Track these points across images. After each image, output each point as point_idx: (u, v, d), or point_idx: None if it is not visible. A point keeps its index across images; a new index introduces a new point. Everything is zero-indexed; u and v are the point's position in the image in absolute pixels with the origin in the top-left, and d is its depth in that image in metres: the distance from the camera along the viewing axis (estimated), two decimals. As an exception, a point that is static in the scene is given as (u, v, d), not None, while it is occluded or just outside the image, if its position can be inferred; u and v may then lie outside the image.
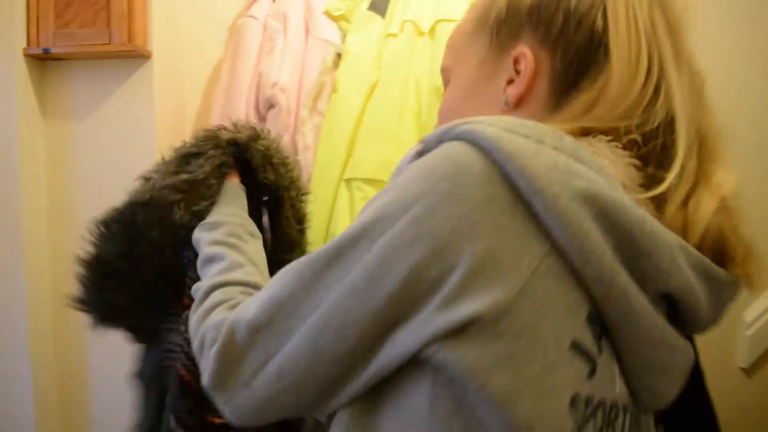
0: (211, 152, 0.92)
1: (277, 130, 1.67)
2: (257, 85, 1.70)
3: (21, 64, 1.63)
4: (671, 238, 0.56)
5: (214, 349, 0.63)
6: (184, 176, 0.89)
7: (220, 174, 0.93)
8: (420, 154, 0.58)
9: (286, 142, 1.67)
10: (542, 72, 0.66)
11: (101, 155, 1.71)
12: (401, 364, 0.53)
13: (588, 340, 0.54)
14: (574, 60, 0.64)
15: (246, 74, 1.72)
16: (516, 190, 0.52)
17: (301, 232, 1.12)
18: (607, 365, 0.56)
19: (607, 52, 0.62)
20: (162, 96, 1.72)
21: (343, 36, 1.73)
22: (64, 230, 1.72)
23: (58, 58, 1.66)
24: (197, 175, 0.90)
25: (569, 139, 0.56)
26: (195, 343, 0.70)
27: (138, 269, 0.89)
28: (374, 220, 0.55)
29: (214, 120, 1.77)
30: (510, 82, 0.67)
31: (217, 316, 0.68)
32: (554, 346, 0.51)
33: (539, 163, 0.51)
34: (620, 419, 0.57)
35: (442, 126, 0.58)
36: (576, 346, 0.53)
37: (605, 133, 0.61)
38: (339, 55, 1.71)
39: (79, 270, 0.93)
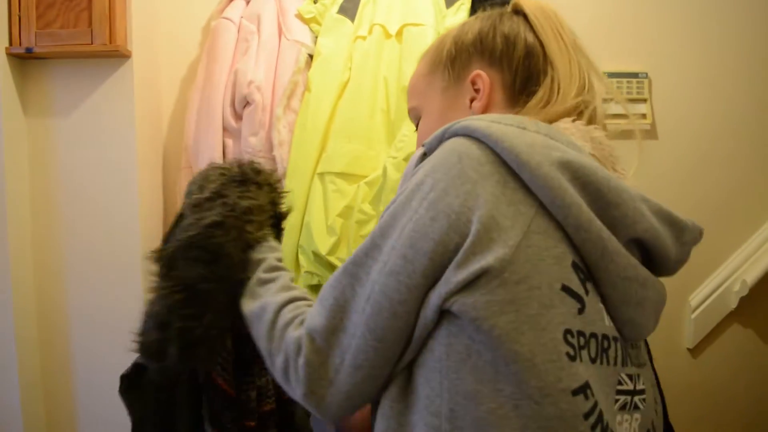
0: (260, 181, 0.94)
1: (253, 126, 1.75)
2: (233, 83, 1.77)
3: (3, 63, 1.66)
4: (633, 191, 0.69)
5: (301, 360, 0.69)
6: (253, 202, 0.90)
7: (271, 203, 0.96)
8: (424, 155, 0.72)
9: (261, 138, 1.75)
10: (496, 85, 0.82)
11: (82, 152, 1.75)
12: (432, 322, 0.65)
13: (575, 283, 0.65)
14: (518, 70, 0.82)
15: (222, 73, 1.79)
16: (506, 166, 0.65)
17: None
18: (594, 304, 0.67)
19: (546, 58, 0.81)
20: (141, 94, 1.77)
21: (315, 38, 1.81)
22: (47, 225, 1.76)
23: (41, 57, 1.70)
24: (260, 202, 0.91)
25: (543, 124, 0.71)
26: (277, 360, 0.73)
27: (219, 291, 0.84)
28: (400, 211, 0.67)
29: (191, 117, 1.84)
30: (472, 100, 0.83)
31: (293, 331, 0.73)
32: (547, 289, 0.63)
33: (522, 142, 0.65)
34: (612, 348, 0.69)
35: (437, 130, 0.72)
36: (566, 288, 0.64)
37: (568, 115, 0.78)
38: (311, 56, 1.79)
39: (160, 302, 0.84)
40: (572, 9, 2.03)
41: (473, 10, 1.71)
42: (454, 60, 0.86)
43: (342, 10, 1.79)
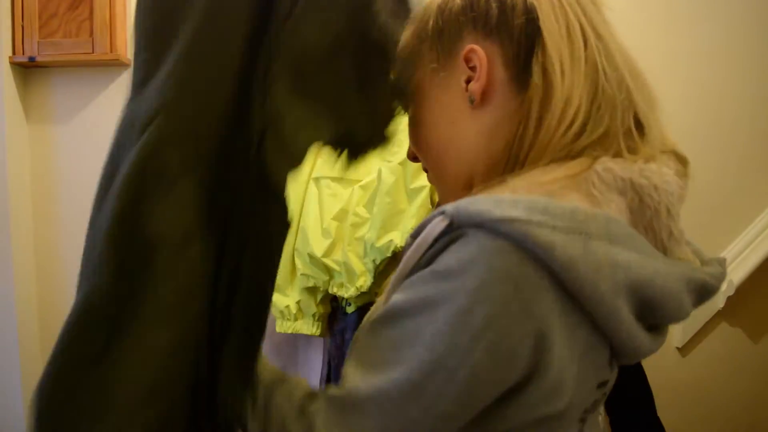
0: None
1: (250, 132, 1.79)
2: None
3: (7, 72, 1.71)
4: (679, 282, 0.61)
5: None
6: None
7: None
8: (447, 232, 0.56)
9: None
10: (495, 60, 0.66)
11: (83, 158, 1.79)
12: None
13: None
14: (521, 39, 0.65)
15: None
16: (566, 291, 0.54)
17: None
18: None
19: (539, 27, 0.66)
20: (141, 102, 1.81)
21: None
22: (48, 228, 1.81)
23: (43, 66, 1.75)
24: None
25: (601, 217, 0.56)
26: None
27: None
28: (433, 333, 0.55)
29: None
30: (468, 80, 0.68)
31: None
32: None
33: (588, 267, 0.54)
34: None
35: (476, 201, 0.56)
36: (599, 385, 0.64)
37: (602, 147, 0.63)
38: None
39: None
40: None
41: None
42: (441, 33, 0.70)
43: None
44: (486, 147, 0.68)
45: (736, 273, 2.16)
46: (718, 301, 2.18)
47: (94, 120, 1.78)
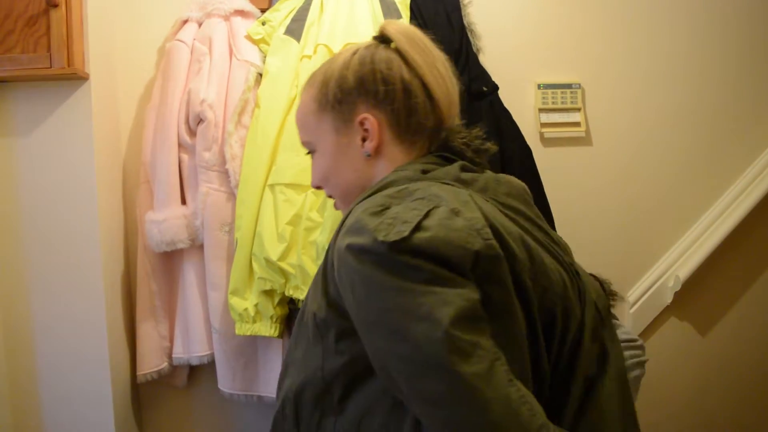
0: None
1: (207, 142, 1.85)
2: (187, 102, 1.87)
3: (-34, 87, 1.73)
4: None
5: None
6: None
7: None
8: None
9: (215, 152, 1.85)
10: (384, 125, 0.92)
11: (43, 171, 1.81)
12: None
13: None
14: (400, 109, 0.91)
15: (176, 93, 1.89)
16: None
17: None
18: None
19: (425, 90, 0.92)
20: (99, 114, 1.85)
21: (264, 57, 1.92)
22: (9, 243, 1.82)
23: (1, 81, 1.78)
24: None
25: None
26: None
27: None
28: None
29: (148, 134, 1.93)
30: (364, 139, 0.92)
31: None
32: None
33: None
34: None
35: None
36: None
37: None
38: (260, 75, 1.90)
39: None
40: (511, 25, 2.18)
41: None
42: (340, 103, 0.93)
43: (288, 32, 1.90)
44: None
45: (682, 269, 2.25)
46: (666, 297, 2.27)
47: (53, 133, 1.80)
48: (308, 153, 1.00)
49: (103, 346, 1.83)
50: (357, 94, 0.92)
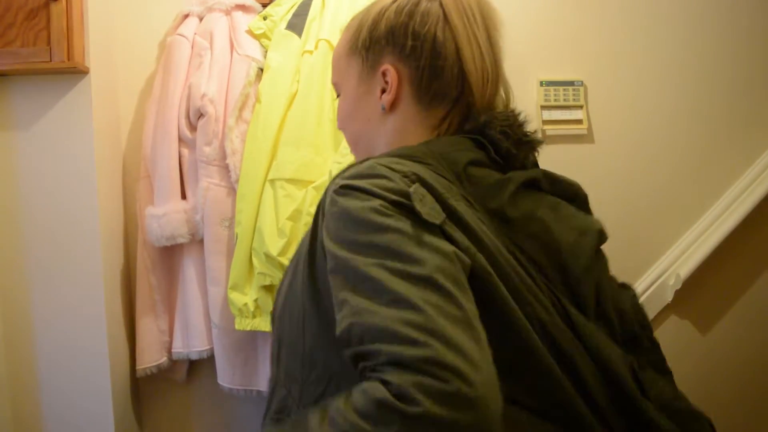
0: None
1: (207, 137, 1.84)
2: (188, 97, 1.87)
3: (-35, 81, 1.73)
4: None
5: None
6: None
7: None
8: None
9: (215, 147, 1.85)
10: (404, 80, 0.87)
11: (43, 165, 1.81)
12: None
13: None
14: (425, 68, 0.86)
15: (177, 87, 1.88)
16: None
17: None
18: None
19: (458, 56, 0.85)
20: (99, 108, 1.85)
21: (265, 52, 1.91)
22: (9, 236, 1.82)
23: (1, 75, 1.77)
24: None
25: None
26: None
27: None
28: None
29: (148, 129, 1.93)
30: (383, 91, 0.89)
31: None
32: None
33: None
34: None
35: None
36: None
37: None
38: (261, 70, 1.89)
39: None
40: (513, 22, 2.18)
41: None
42: (368, 49, 0.89)
43: (290, 26, 1.90)
44: (399, 143, 0.88)
45: (683, 267, 2.24)
46: (667, 295, 2.26)
47: (53, 127, 1.80)
48: (337, 96, 0.98)
49: (103, 340, 1.83)
50: (385, 44, 0.88)
